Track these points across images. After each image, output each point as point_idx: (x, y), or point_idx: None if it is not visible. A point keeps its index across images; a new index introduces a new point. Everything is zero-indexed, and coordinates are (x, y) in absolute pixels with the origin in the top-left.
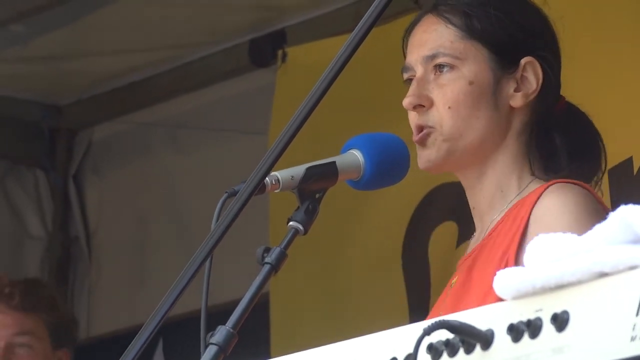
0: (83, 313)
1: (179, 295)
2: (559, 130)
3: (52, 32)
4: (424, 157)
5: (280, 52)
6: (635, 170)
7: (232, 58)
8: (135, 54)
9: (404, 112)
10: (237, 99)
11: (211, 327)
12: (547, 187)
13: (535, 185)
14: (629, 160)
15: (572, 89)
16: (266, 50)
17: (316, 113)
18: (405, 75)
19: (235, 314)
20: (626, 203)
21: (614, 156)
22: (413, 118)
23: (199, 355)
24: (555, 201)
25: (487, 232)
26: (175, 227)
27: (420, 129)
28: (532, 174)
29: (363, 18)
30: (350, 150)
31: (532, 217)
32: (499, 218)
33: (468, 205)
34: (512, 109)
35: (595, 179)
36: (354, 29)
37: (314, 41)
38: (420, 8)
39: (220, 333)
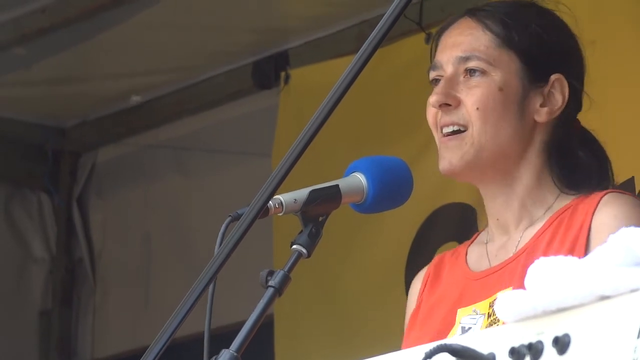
0: (87, 335)
1: (183, 319)
2: (579, 148)
3: (55, 55)
4: (446, 159)
5: (283, 74)
6: (638, 190)
7: (236, 80)
8: (139, 76)
9: (408, 134)
10: (240, 120)
11: (215, 350)
12: (603, 196)
13: (565, 199)
14: (631, 181)
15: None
16: (269, 72)
17: (320, 135)
18: (433, 74)
19: (239, 337)
20: None
21: (616, 176)
22: (434, 116)
23: None
24: (621, 209)
25: (519, 247)
26: (179, 249)
27: (444, 128)
28: (557, 188)
29: (367, 41)
30: (354, 174)
31: (594, 226)
32: (532, 232)
33: (471, 225)
34: (535, 123)
35: None
36: (356, 51)
37: (317, 63)
38: (423, 30)
39: (224, 357)
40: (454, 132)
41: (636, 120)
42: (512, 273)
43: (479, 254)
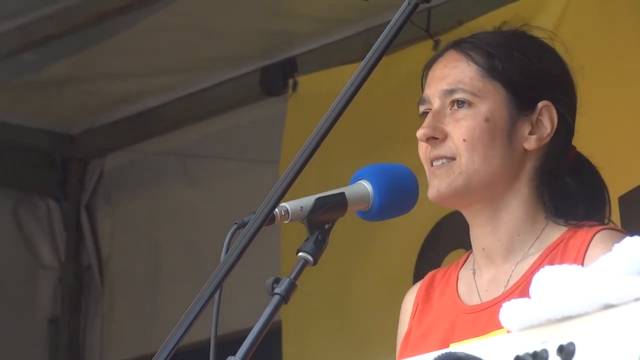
0: (96, 342)
1: (190, 326)
2: (570, 176)
3: (63, 61)
4: (434, 187)
5: (291, 81)
6: None
7: (243, 87)
8: (147, 82)
9: (414, 142)
10: (248, 127)
11: (221, 358)
12: (595, 234)
13: (554, 229)
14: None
15: (586, 119)
16: (277, 79)
17: (326, 143)
18: (422, 108)
19: (245, 345)
20: (637, 228)
21: (624, 184)
22: (424, 150)
23: None
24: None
25: (510, 283)
26: (187, 255)
27: (433, 161)
28: (545, 217)
29: (372, 48)
30: (360, 181)
31: (587, 264)
32: (523, 267)
33: None
34: (525, 151)
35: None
36: (363, 57)
37: (325, 69)
38: (431, 37)
39: None
40: (445, 163)
41: None
42: (491, 317)
43: (469, 286)
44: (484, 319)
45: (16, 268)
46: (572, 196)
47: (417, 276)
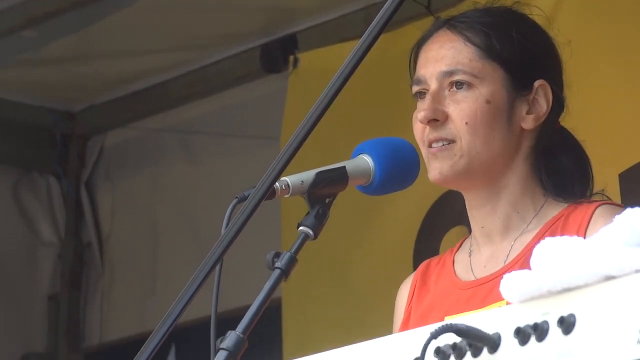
0: (95, 319)
1: (190, 300)
2: (562, 152)
3: (63, 38)
4: (436, 169)
5: (291, 58)
6: None
7: (244, 64)
8: (147, 59)
9: None
10: (248, 104)
11: (222, 333)
12: (596, 208)
13: (553, 205)
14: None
15: (584, 96)
16: (278, 56)
17: (326, 118)
18: (416, 88)
19: (245, 319)
20: (637, 206)
21: (624, 160)
22: (422, 131)
23: None
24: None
25: (510, 258)
26: (187, 233)
27: (432, 143)
28: (544, 195)
29: (371, 24)
30: (360, 155)
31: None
32: (523, 242)
33: None
34: (522, 130)
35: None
36: (364, 34)
37: (325, 46)
38: (432, 14)
39: (230, 338)
40: (447, 145)
41: None
42: (489, 293)
43: (466, 266)
44: (482, 293)
45: (16, 245)
46: (567, 171)
47: (417, 252)
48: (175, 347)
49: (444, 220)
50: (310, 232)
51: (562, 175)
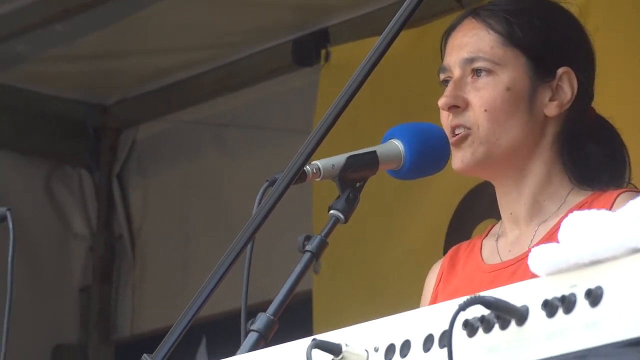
0: (127, 311)
1: (222, 277)
2: (590, 140)
3: (97, 31)
4: (458, 158)
5: (323, 52)
6: None
7: (276, 57)
8: (180, 52)
9: None
10: (280, 98)
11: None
12: (619, 195)
13: (579, 193)
14: None
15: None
16: (310, 49)
17: (357, 113)
18: (442, 76)
19: (275, 301)
20: None
21: None
22: (446, 118)
23: None
24: None
25: (534, 242)
26: (218, 225)
27: (455, 129)
28: (570, 182)
29: (401, 8)
30: (391, 140)
31: None
32: (546, 227)
33: None
34: (546, 118)
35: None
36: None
37: (357, 40)
38: (463, 7)
39: (261, 320)
40: (463, 134)
41: None
42: (527, 268)
43: (492, 248)
44: (505, 275)
45: (48, 237)
46: (595, 160)
47: (448, 244)
48: (206, 339)
49: (476, 212)
50: (341, 215)
51: (589, 164)
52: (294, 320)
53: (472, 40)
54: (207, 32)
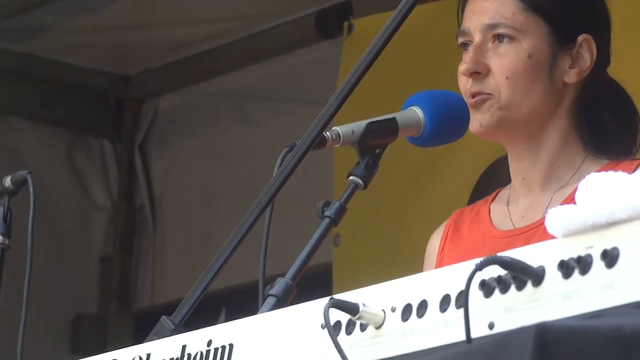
0: (147, 281)
1: (242, 240)
2: (606, 107)
3: (121, 2)
4: (477, 121)
5: (346, 24)
6: None
7: (299, 29)
8: (203, 24)
9: None
10: (303, 69)
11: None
12: (637, 167)
13: (594, 161)
14: None
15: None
16: (332, 21)
17: (378, 86)
18: (461, 39)
19: (294, 267)
20: None
21: None
22: (465, 84)
23: None
24: None
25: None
26: (240, 196)
27: (475, 95)
28: (585, 149)
29: None
30: (411, 107)
31: None
32: (563, 194)
33: None
34: (565, 84)
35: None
36: (419, 1)
37: (380, 13)
38: None
39: (279, 285)
40: (483, 97)
41: None
42: (544, 234)
43: (502, 214)
44: (519, 242)
45: (69, 207)
46: (609, 128)
47: None
48: (225, 310)
49: (498, 184)
50: (360, 181)
51: (604, 132)
52: (315, 293)
53: (493, 6)
54: (231, 3)
